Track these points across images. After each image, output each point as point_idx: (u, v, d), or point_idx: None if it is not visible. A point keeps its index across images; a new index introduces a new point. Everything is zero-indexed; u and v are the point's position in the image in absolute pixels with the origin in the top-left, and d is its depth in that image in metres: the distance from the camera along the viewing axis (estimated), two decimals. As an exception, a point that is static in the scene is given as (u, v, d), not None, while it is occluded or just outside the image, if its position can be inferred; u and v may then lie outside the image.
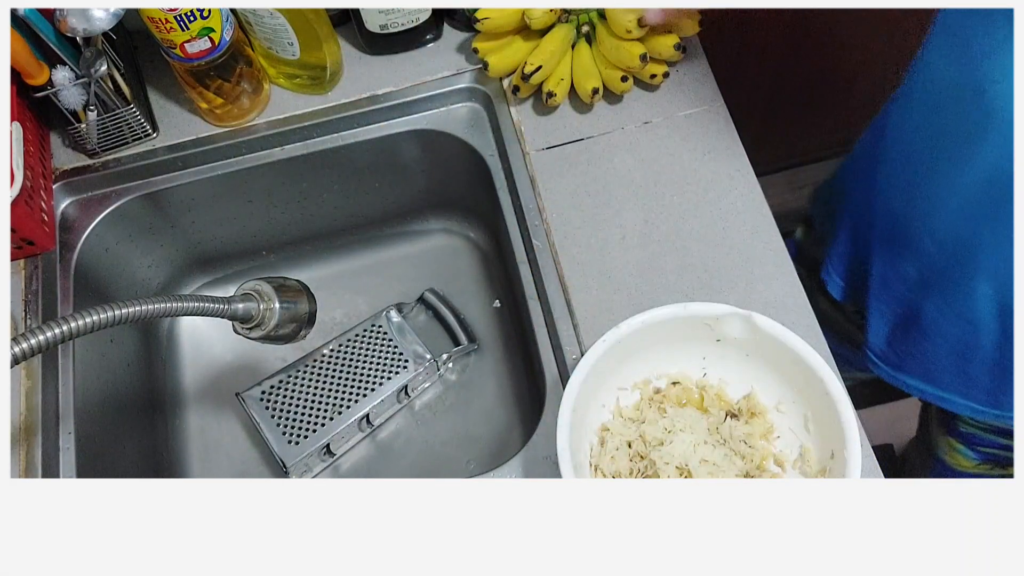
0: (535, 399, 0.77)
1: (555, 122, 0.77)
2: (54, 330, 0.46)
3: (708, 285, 0.68)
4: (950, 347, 0.72)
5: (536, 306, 0.71)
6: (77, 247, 0.75)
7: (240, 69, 0.74)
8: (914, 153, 0.67)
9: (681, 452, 0.59)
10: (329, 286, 0.90)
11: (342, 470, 0.81)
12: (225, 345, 0.87)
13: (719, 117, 0.76)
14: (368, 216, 0.90)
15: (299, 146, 0.79)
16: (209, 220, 0.84)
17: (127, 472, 0.75)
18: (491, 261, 0.90)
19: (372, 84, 0.79)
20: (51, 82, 0.69)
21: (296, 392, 0.77)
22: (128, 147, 0.78)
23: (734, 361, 0.62)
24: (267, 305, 0.59)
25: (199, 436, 0.84)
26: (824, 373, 0.56)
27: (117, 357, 0.78)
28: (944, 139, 0.62)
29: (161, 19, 0.66)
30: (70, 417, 0.68)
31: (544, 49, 0.73)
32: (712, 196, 0.72)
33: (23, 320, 0.71)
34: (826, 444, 0.58)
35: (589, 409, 0.60)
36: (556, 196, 0.73)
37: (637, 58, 0.72)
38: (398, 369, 0.79)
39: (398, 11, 0.76)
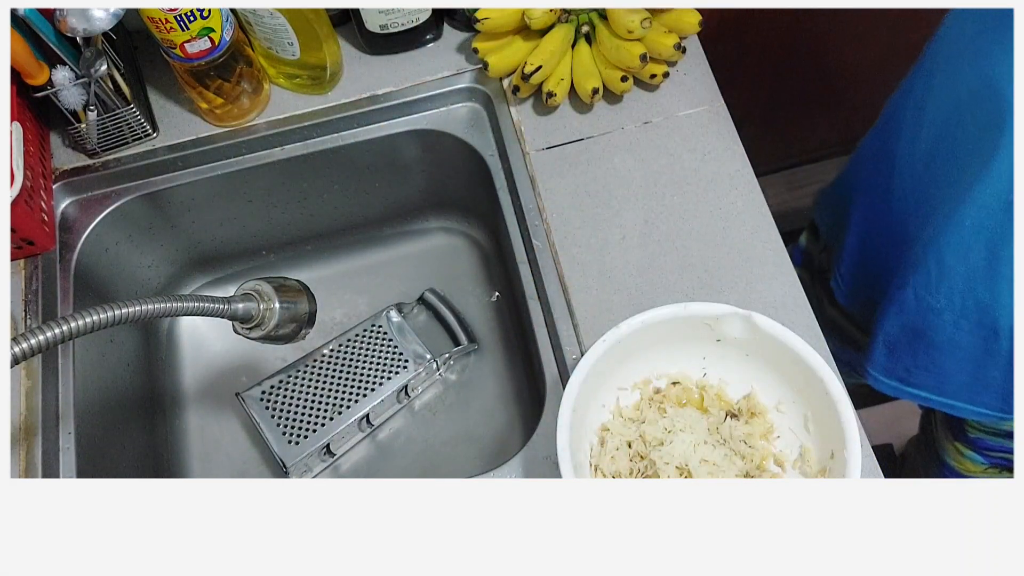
0: (535, 399, 0.77)
1: (555, 122, 0.77)
2: (54, 330, 0.46)
3: (708, 285, 0.68)
4: (965, 355, 0.71)
5: (536, 306, 0.71)
6: (77, 247, 0.75)
7: (240, 69, 0.74)
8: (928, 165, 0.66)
9: (681, 452, 0.59)
10: (329, 286, 0.90)
11: (342, 470, 0.81)
12: (225, 345, 0.87)
13: (719, 117, 0.76)
14: (368, 216, 0.90)
15: (299, 146, 0.79)
16: (209, 220, 0.84)
17: (127, 472, 0.75)
18: (491, 261, 0.90)
19: (372, 84, 0.79)
20: (51, 82, 0.69)
21: (296, 392, 0.77)
22: (128, 147, 0.78)
23: (734, 361, 0.62)
24: (267, 305, 0.59)
25: (199, 436, 0.84)
26: (824, 373, 0.56)
27: (117, 357, 0.78)
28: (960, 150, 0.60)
29: (161, 19, 0.66)
30: (70, 417, 0.68)
31: (544, 49, 0.73)
32: (712, 196, 0.72)
33: (23, 320, 0.71)
34: (826, 444, 0.58)
35: (589, 409, 0.60)
36: (556, 196, 0.73)
37: (637, 58, 0.72)
38: (398, 369, 0.79)
39: (398, 11, 0.76)
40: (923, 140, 0.66)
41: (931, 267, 0.67)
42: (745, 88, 1.27)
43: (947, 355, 0.72)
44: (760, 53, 1.19)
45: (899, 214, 0.72)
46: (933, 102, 0.64)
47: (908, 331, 0.74)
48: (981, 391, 0.73)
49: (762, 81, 1.26)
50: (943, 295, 0.67)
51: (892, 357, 0.77)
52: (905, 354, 0.76)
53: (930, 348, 0.73)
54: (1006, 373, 0.70)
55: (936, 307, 0.68)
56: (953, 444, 0.91)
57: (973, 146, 0.58)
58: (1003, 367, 0.70)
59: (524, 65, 0.73)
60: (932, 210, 0.66)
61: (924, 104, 0.66)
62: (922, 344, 0.73)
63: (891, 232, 0.74)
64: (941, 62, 0.62)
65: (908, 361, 0.76)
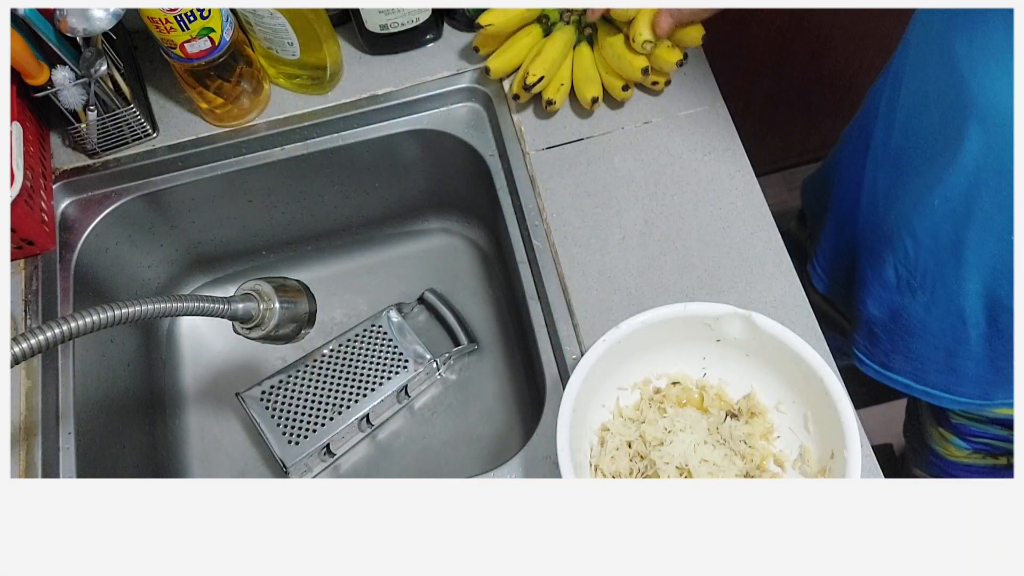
0: (535, 399, 0.77)
1: (555, 122, 0.77)
2: (54, 330, 0.46)
3: (708, 285, 0.68)
4: (937, 343, 0.72)
5: (536, 306, 0.71)
6: (77, 247, 0.75)
7: (240, 69, 0.74)
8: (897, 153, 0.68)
9: (681, 452, 0.59)
10: (329, 286, 0.90)
11: (342, 470, 0.81)
12: (225, 345, 0.87)
13: (719, 117, 0.76)
14: (368, 216, 0.90)
15: (299, 146, 0.79)
16: (209, 220, 0.84)
17: (127, 472, 0.75)
18: (491, 261, 0.90)
19: (372, 84, 0.79)
20: (51, 82, 0.69)
21: (296, 392, 0.77)
22: (128, 147, 0.78)
23: (734, 361, 0.62)
24: (267, 305, 0.59)
25: (199, 436, 0.84)
26: (824, 373, 0.56)
27: (117, 357, 0.78)
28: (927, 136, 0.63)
29: (161, 19, 0.66)
30: (70, 417, 0.68)
31: (547, 56, 0.73)
32: (712, 196, 0.72)
33: (23, 320, 0.71)
34: (826, 444, 0.58)
35: (589, 409, 0.60)
36: (556, 196, 0.73)
37: (639, 71, 0.71)
38: (398, 369, 0.79)
39: (398, 11, 0.76)
40: (896, 127, 0.68)
41: (907, 245, 0.68)
42: (745, 88, 1.27)
43: (922, 342, 0.73)
44: (760, 53, 1.20)
45: (873, 196, 0.73)
46: (905, 90, 0.66)
47: (886, 312, 0.75)
48: (957, 381, 0.75)
49: (762, 81, 1.27)
50: (917, 276, 0.69)
51: (872, 340, 0.79)
52: (883, 338, 0.77)
53: (906, 335, 0.74)
54: (978, 364, 0.71)
55: (911, 286, 0.70)
56: (937, 430, 0.93)
57: (940, 132, 0.60)
58: (975, 358, 0.71)
59: (527, 75, 0.72)
60: (903, 192, 0.67)
61: (897, 93, 0.67)
62: (898, 329, 0.75)
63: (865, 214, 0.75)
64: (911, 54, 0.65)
65: (887, 345, 0.78)
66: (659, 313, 0.59)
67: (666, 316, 0.59)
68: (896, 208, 0.69)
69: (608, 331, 0.58)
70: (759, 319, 0.58)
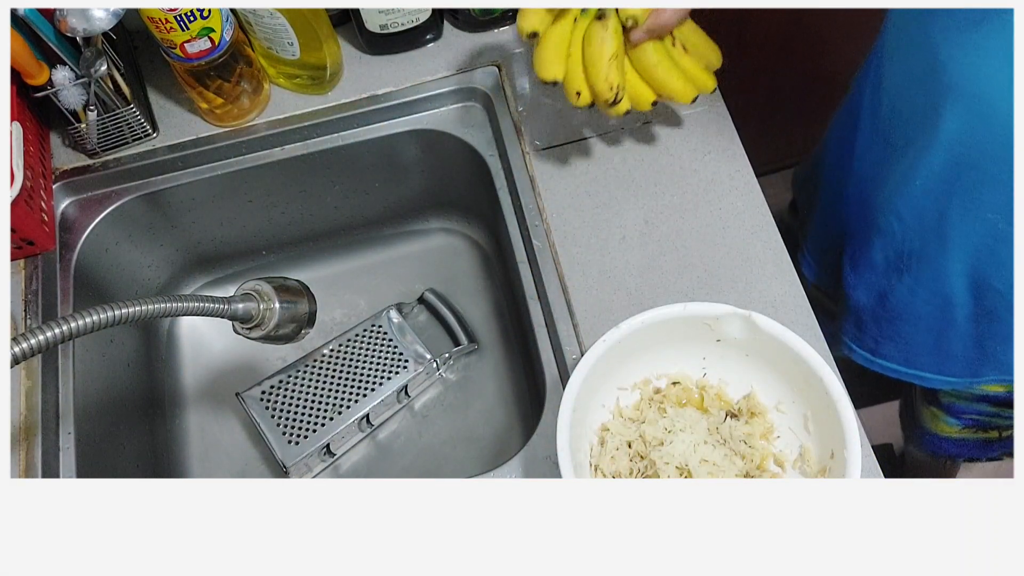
0: (535, 399, 0.77)
1: (555, 122, 0.77)
2: (54, 330, 0.46)
3: (708, 285, 0.68)
4: (925, 325, 0.73)
5: (536, 306, 0.71)
6: (77, 247, 0.75)
7: (240, 69, 0.74)
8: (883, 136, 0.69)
9: (681, 452, 0.59)
10: (329, 286, 0.90)
11: (342, 470, 0.81)
12: (225, 345, 0.87)
13: (719, 117, 0.76)
14: (368, 216, 0.90)
15: (299, 146, 0.79)
16: (209, 220, 0.84)
17: (127, 472, 0.75)
18: (491, 261, 0.90)
19: (372, 84, 0.79)
20: (51, 82, 0.69)
21: (296, 392, 0.77)
22: (128, 147, 0.78)
23: (734, 361, 0.62)
24: (267, 305, 0.59)
25: (199, 436, 0.84)
26: (824, 373, 0.56)
27: (117, 357, 0.78)
28: (909, 119, 0.64)
29: (161, 19, 0.66)
30: (70, 417, 0.68)
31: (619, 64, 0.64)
32: (712, 196, 0.72)
33: (23, 320, 0.71)
34: (826, 444, 0.58)
35: (589, 409, 0.60)
36: (556, 196, 0.73)
37: (649, 104, 0.67)
38: (398, 369, 0.79)
39: (398, 11, 0.76)
40: (882, 112, 0.69)
41: (893, 226, 0.69)
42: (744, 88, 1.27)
43: (910, 324, 0.74)
44: (760, 53, 1.19)
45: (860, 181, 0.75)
46: (888, 73, 0.67)
47: (874, 296, 0.76)
48: (946, 362, 0.76)
49: (762, 81, 1.27)
50: (903, 257, 0.70)
51: (860, 327, 0.80)
52: (872, 324, 0.78)
53: (894, 318, 0.75)
54: (965, 343, 0.73)
55: (899, 268, 0.71)
56: (929, 409, 0.94)
57: (920, 112, 0.62)
58: (962, 338, 0.72)
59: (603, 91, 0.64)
60: (889, 174, 0.68)
61: (881, 80, 0.69)
62: (886, 314, 0.75)
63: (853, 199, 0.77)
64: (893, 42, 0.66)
65: (875, 331, 0.78)
66: (659, 313, 0.59)
67: (666, 316, 0.59)
68: (882, 191, 0.70)
69: (608, 331, 0.58)
70: (759, 319, 0.58)
